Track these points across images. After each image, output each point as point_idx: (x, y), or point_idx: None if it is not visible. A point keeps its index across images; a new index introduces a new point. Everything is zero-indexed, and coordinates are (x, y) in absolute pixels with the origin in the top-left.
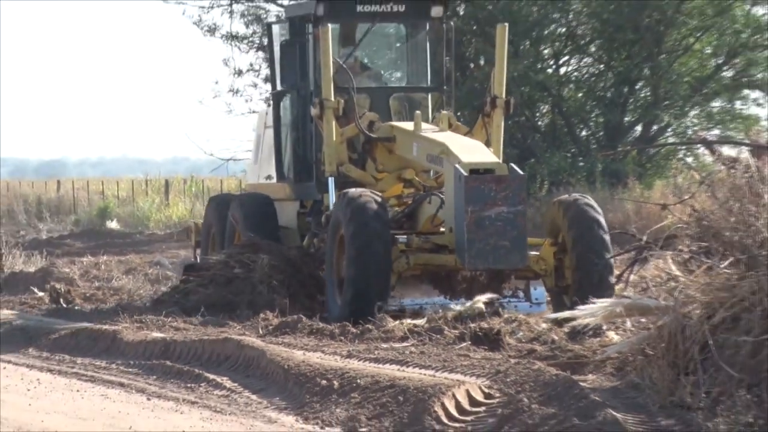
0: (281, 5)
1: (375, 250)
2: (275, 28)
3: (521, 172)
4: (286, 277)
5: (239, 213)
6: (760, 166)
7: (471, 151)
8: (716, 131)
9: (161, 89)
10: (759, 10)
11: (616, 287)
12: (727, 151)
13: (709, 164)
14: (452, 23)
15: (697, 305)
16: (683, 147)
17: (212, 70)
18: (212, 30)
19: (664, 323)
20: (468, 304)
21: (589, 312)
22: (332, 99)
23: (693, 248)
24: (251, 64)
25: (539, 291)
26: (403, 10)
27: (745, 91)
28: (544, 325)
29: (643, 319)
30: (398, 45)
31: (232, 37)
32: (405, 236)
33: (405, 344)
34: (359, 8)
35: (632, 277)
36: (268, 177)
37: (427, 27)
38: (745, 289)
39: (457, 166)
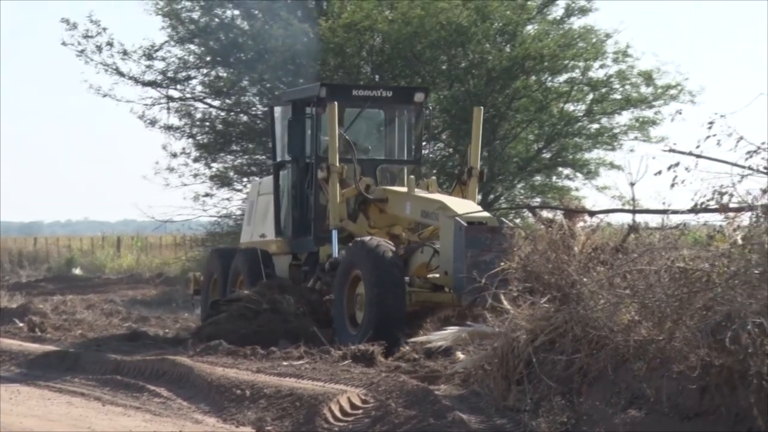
0: (207, 103)
1: (395, 291)
2: (276, 110)
3: (510, 224)
4: (308, 312)
5: (244, 264)
6: (570, 225)
7: (465, 207)
8: (537, 199)
9: (115, 165)
10: (570, 107)
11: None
12: (546, 214)
13: (532, 224)
14: (430, 107)
15: (523, 331)
16: (513, 211)
17: (154, 153)
18: (153, 122)
19: (498, 345)
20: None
21: (441, 336)
22: (338, 165)
23: (520, 288)
24: (183, 149)
25: None
26: (390, 95)
27: (560, 169)
28: (407, 347)
29: (482, 342)
30: (382, 124)
31: (168, 128)
32: (408, 278)
33: (301, 362)
34: (354, 93)
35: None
36: (262, 235)
37: (410, 110)
38: (559, 319)
39: (457, 218)
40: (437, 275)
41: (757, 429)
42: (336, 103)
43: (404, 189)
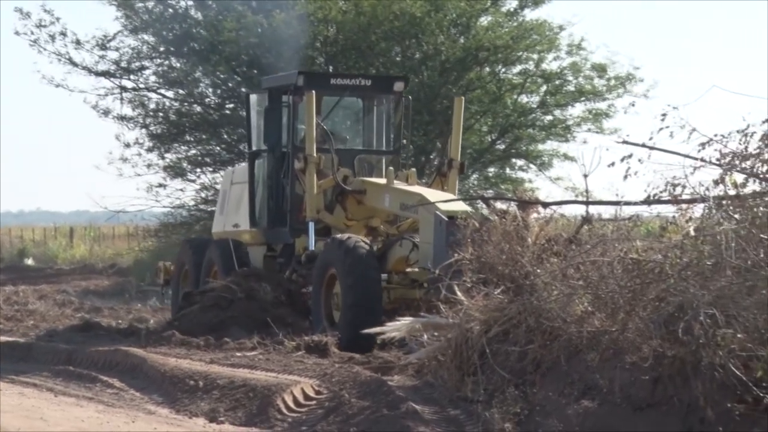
0: (161, 94)
1: (373, 294)
2: (252, 98)
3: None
4: (286, 302)
5: (217, 254)
6: (524, 217)
7: (445, 200)
8: (491, 191)
9: (68, 156)
10: (524, 99)
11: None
12: (500, 205)
13: (487, 215)
14: (410, 97)
15: (477, 322)
16: (466, 202)
17: (107, 143)
18: (106, 112)
19: (452, 336)
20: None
21: (395, 327)
22: (315, 155)
23: (474, 279)
24: (137, 139)
25: None
26: (369, 84)
27: (513, 160)
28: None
29: (436, 333)
30: (360, 114)
31: (121, 118)
32: (385, 274)
33: (254, 353)
34: (332, 81)
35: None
36: (236, 225)
37: (389, 99)
38: (513, 310)
39: (437, 213)
40: (416, 269)
41: (709, 420)
42: (314, 92)
43: (383, 181)
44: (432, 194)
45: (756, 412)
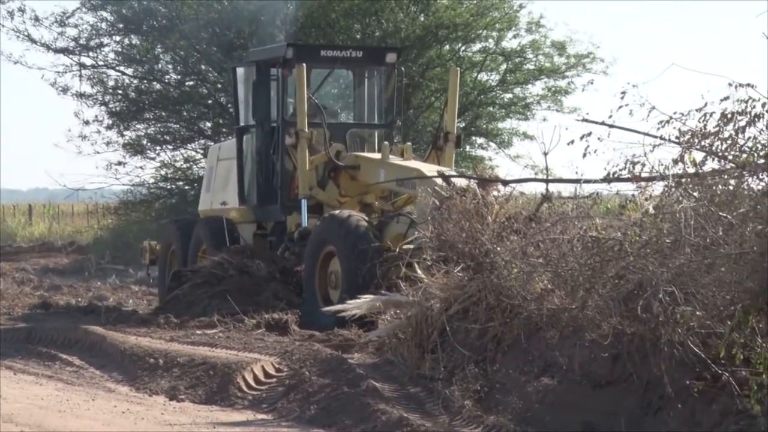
0: (120, 71)
1: (369, 265)
2: (239, 71)
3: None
4: (280, 279)
5: (206, 233)
6: (484, 195)
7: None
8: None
9: (26, 133)
10: (483, 77)
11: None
12: (460, 183)
13: (447, 193)
14: (403, 68)
15: (437, 300)
16: (424, 179)
17: (66, 120)
18: (65, 90)
19: (412, 314)
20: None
21: (356, 305)
22: (306, 130)
23: (434, 257)
24: (96, 116)
25: None
26: (360, 56)
27: (473, 138)
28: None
29: (396, 311)
30: (351, 86)
31: (80, 96)
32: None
33: (214, 330)
34: (322, 53)
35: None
36: (223, 203)
37: (381, 71)
38: (473, 288)
39: (437, 188)
40: (412, 246)
41: (668, 396)
42: (304, 64)
43: (378, 156)
44: (429, 169)
45: (714, 389)
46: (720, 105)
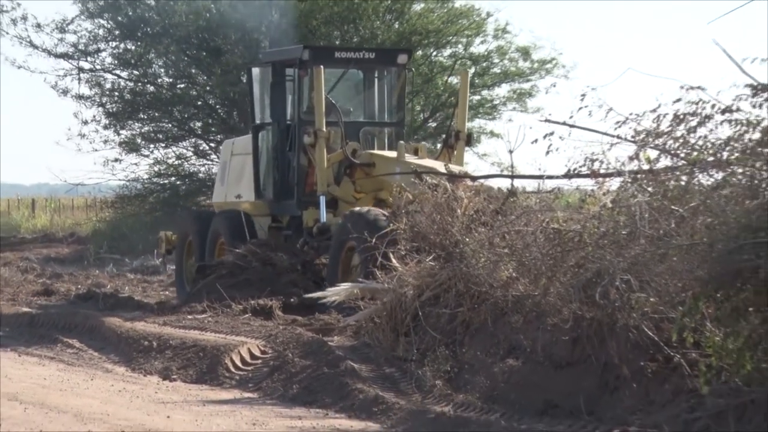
0: (116, 74)
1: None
2: (255, 71)
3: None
4: (301, 271)
5: (225, 226)
6: (454, 189)
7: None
8: None
9: (30, 132)
10: (453, 80)
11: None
12: (431, 179)
13: (420, 188)
14: (413, 69)
15: (410, 287)
16: (397, 176)
17: (66, 120)
18: (65, 92)
19: (387, 300)
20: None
21: (335, 292)
22: (324, 130)
23: (408, 247)
24: (94, 116)
25: None
26: (373, 57)
27: (444, 136)
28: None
29: (373, 297)
30: (361, 86)
31: (79, 97)
32: None
33: (204, 316)
34: (336, 55)
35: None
36: (238, 196)
37: (391, 72)
38: (444, 276)
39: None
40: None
41: (624, 376)
42: (322, 67)
43: (393, 154)
44: (444, 167)
45: (667, 370)
46: (672, 106)
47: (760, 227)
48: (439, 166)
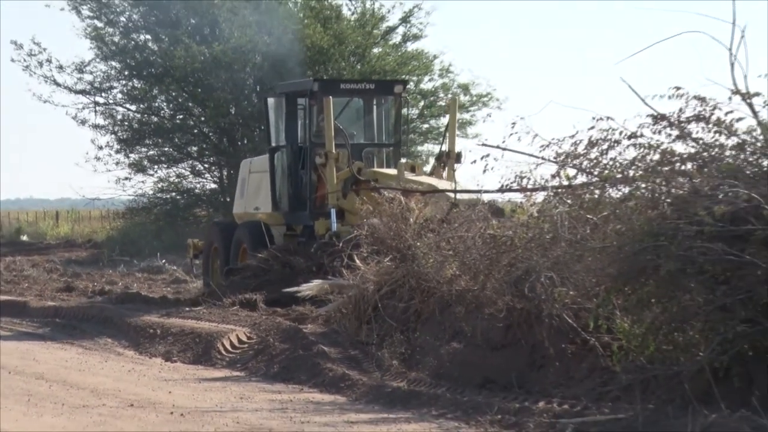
0: (126, 107)
1: None
2: (270, 101)
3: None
4: (317, 272)
5: (247, 235)
6: (407, 202)
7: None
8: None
9: (55, 154)
10: (406, 111)
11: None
12: (388, 193)
13: (379, 201)
14: (408, 97)
15: (371, 283)
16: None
17: (84, 145)
18: (83, 122)
19: (352, 294)
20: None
21: (309, 287)
22: (334, 152)
23: (369, 250)
24: (107, 142)
25: None
26: (373, 87)
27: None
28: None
29: (340, 292)
30: (362, 112)
31: (95, 127)
32: None
33: (199, 308)
34: (342, 86)
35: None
36: (256, 208)
37: (388, 100)
38: (399, 274)
39: (448, 201)
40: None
41: (549, 356)
42: (331, 98)
43: (393, 171)
44: (440, 183)
45: (584, 351)
46: (587, 133)
47: (660, 233)
48: (434, 181)
